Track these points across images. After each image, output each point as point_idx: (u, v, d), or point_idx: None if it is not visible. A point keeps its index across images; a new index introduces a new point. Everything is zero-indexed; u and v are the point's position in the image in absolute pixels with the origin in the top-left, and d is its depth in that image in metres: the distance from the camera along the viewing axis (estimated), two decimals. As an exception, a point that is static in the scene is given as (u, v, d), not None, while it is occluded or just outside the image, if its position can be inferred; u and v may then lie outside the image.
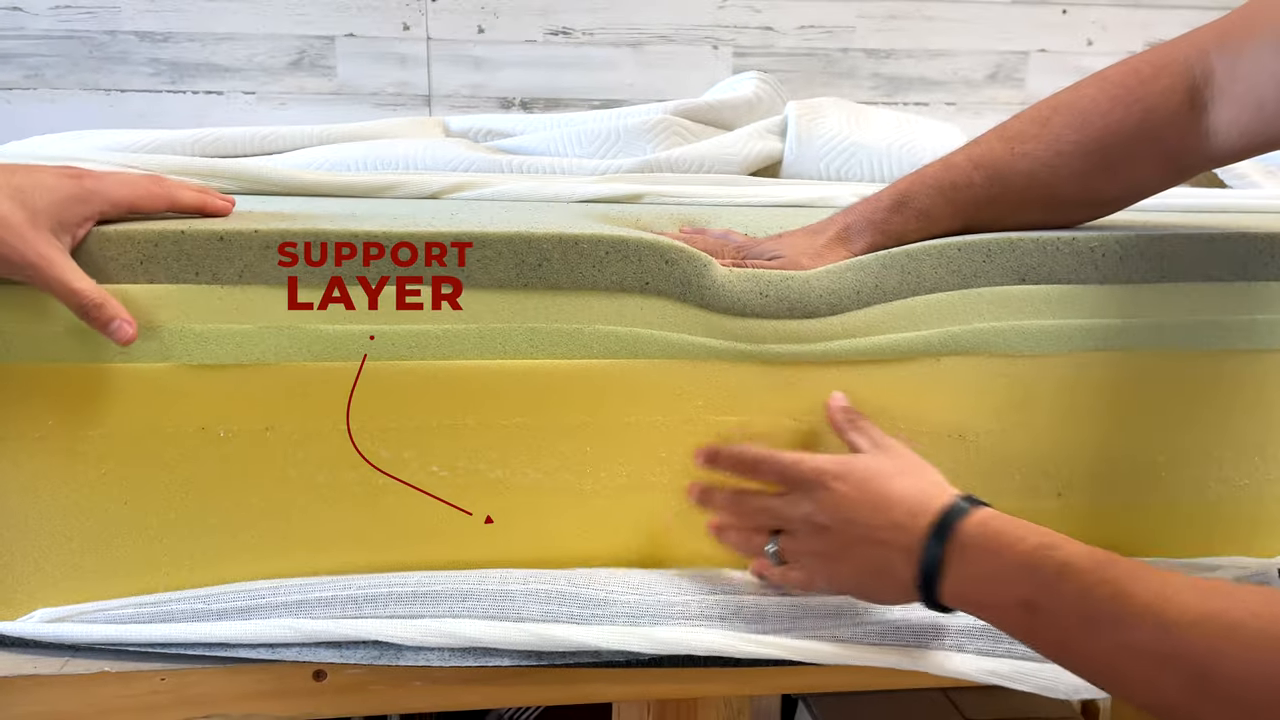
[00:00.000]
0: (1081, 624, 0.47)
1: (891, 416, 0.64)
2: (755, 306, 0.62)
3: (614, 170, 0.94)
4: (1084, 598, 0.47)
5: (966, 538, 0.52)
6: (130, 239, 0.56)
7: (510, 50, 2.04)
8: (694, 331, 0.62)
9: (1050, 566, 0.48)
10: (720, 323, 0.62)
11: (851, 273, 0.63)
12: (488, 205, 0.78)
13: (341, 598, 0.59)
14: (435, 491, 0.61)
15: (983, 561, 0.51)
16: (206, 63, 1.97)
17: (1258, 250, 0.66)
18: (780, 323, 0.62)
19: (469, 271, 0.59)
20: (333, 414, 0.59)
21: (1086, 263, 0.65)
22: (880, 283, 0.64)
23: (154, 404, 0.57)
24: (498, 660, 0.58)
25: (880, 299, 0.64)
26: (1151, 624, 0.44)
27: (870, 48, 2.11)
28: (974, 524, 0.52)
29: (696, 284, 0.61)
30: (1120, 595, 0.46)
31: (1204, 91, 0.60)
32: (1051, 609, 0.48)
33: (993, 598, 0.51)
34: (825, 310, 0.63)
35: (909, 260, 0.63)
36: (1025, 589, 0.49)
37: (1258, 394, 0.68)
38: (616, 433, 0.63)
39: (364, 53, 2.01)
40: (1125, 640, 0.45)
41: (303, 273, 0.57)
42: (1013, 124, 0.66)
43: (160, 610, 0.58)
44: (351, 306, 0.58)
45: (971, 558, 0.52)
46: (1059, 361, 0.65)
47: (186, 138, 1.02)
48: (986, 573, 0.51)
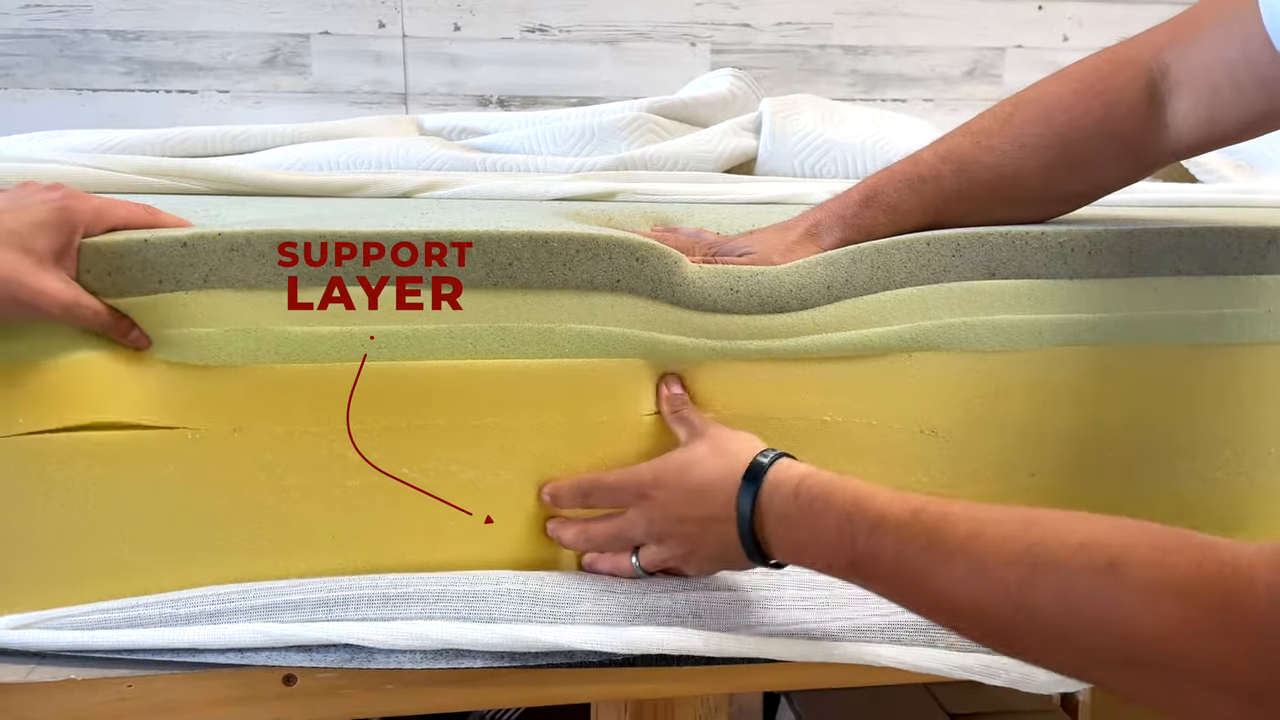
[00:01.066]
0: (904, 578, 0.48)
1: (862, 412, 0.64)
2: (726, 302, 0.62)
3: (588, 168, 0.94)
4: (901, 550, 0.48)
5: (777, 501, 0.53)
6: (97, 251, 0.55)
7: (487, 48, 2.03)
8: (665, 329, 0.62)
9: (865, 526, 0.49)
10: (691, 319, 0.62)
11: (821, 267, 0.63)
12: (459, 204, 0.77)
13: (311, 601, 0.58)
14: (407, 493, 0.61)
15: (801, 527, 0.52)
16: (180, 61, 1.96)
17: (1226, 244, 0.67)
18: (751, 318, 0.62)
19: (435, 271, 0.58)
20: (301, 415, 0.59)
21: (1056, 258, 0.65)
22: (850, 277, 0.64)
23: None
24: (470, 661, 0.58)
25: (850, 293, 0.64)
26: (966, 565, 0.45)
27: (848, 44, 2.11)
28: (782, 486, 0.54)
29: (667, 281, 0.61)
30: (935, 542, 0.46)
31: (1160, 85, 0.62)
32: (874, 566, 0.49)
33: (820, 561, 0.52)
34: (795, 305, 0.63)
35: (878, 255, 0.63)
36: (846, 551, 0.50)
37: (1227, 387, 0.68)
38: (590, 432, 0.62)
39: (339, 51, 1.99)
40: (944, 585, 0.46)
41: (277, 274, 0.57)
42: (978, 120, 0.66)
43: (127, 616, 0.57)
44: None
45: (792, 527, 0.53)
46: (1029, 356, 0.66)
47: (156, 137, 1.01)
48: (807, 538, 0.52)
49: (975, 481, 0.67)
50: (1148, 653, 0.40)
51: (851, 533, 0.50)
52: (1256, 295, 0.68)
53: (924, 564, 0.47)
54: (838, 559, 0.51)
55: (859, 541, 0.49)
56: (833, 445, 0.65)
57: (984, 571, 0.44)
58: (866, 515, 0.49)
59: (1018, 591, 0.43)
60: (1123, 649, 0.41)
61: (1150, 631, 0.40)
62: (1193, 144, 0.63)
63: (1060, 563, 0.43)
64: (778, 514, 0.53)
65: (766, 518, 0.54)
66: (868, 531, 0.49)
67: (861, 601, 0.61)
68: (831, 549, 0.51)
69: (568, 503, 0.62)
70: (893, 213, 0.66)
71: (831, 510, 0.51)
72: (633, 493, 0.60)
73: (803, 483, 0.53)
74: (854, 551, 0.50)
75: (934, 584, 0.46)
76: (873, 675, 0.61)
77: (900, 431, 0.65)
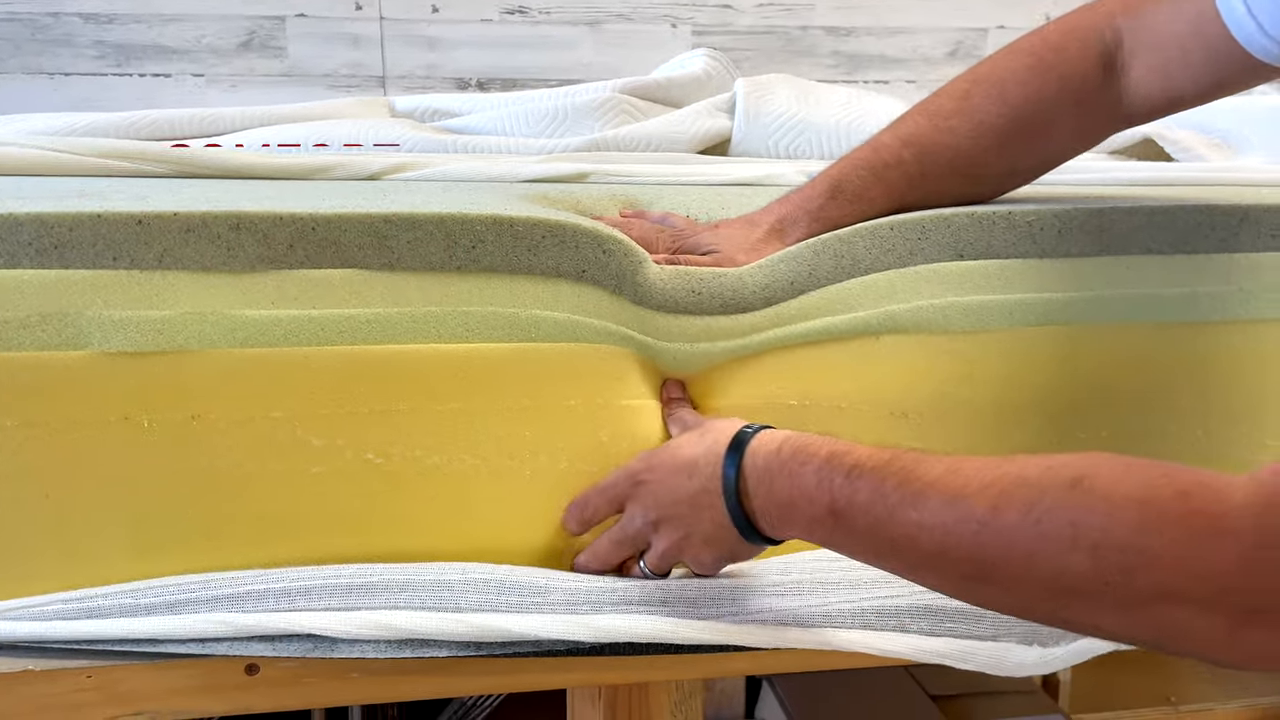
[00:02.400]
0: (878, 516, 0.48)
1: (831, 397, 0.64)
2: (688, 304, 0.61)
3: (560, 149, 0.93)
4: (877, 490, 0.48)
5: (760, 459, 0.53)
6: (43, 222, 0.54)
7: (465, 30, 2.01)
8: (629, 325, 0.61)
9: (842, 471, 0.50)
10: (654, 320, 0.61)
11: (785, 264, 0.62)
12: (426, 186, 0.76)
13: (274, 590, 0.57)
14: (370, 479, 0.60)
15: (783, 483, 0.52)
16: (154, 45, 1.93)
17: (1197, 223, 0.66)
18: (714, 319, 0.62)
19: (399, 254, 0.57)
20: (260, 402, 0.58)
21: (1024, 237, 0.65)
22: (814, 270, 0.63)
23: (72, 393, 0.55)
24: (435, 651, 0.57)
25: (815, 285, 0.63)
26: (938, 498, 0.45)
27: (830, 25, 2.09)
28: (764, 447, 0.54)
29: (631, 279, 0.60)
30: (908, 480, 0.47)
31: (1115, 54, 0.62)
32: (850, 509, 0.49)
33: (802, 515, 0.52)
34: (760, 304, 0.62)
35: (841, 243, 0.63)
36: (826, 497, 0.50)
37: (1198, 367, 0.68)
38: (557, 417, 0.61)
39: (315, 33, 1.97)
40: (917, 519, 0.46)
41: (232, 256, 0.56)
42: (935, 100, 0.66)
43: (85, 606, 0.56)
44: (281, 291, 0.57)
45: (774, 485, 0.53)
46: (999, 337, 0.65)
47: (123, 120, 0.99)
48: (789, 493, 0.52)
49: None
50: (1116, 573, 0.40)
51: (830, 477, 0.50)
52: (1228, 273, 0.67)
53: (898, 500, 0.47)
54: (818, 507, 0.50)
55: (836, 485, 0.50)
56: (801, 429, 0.64)
57: (955, 501, 0.45)
58: (844, 461, 0.50)
59: (986, 513, 0.44)
60: (1092, 569, 0.40)
61: (1120, 541, 0.40)
62: (1146, 112, 0.63)
63: (1029, 481, 0.43)
64: (759, 473, 0.53)
65: (749, 480, 0.54)
66: (844, 474, 0.50)
67: (832, 588, 0.61)
68: (812, 497, 0.51)
69: (576, 527, 0.62)
70: (858, 202, 0.65)
71: (811, 461, 0.51)
72: (626, 484, 0.59)
73: (785, 443, 0.53)
74: (832, 496, 0.50)
75: (906, 518, 0.46)
76: (848, 659, 0.61)
77: (870, 415, 0.65)
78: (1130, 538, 0.40)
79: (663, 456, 0.58)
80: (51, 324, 0.54)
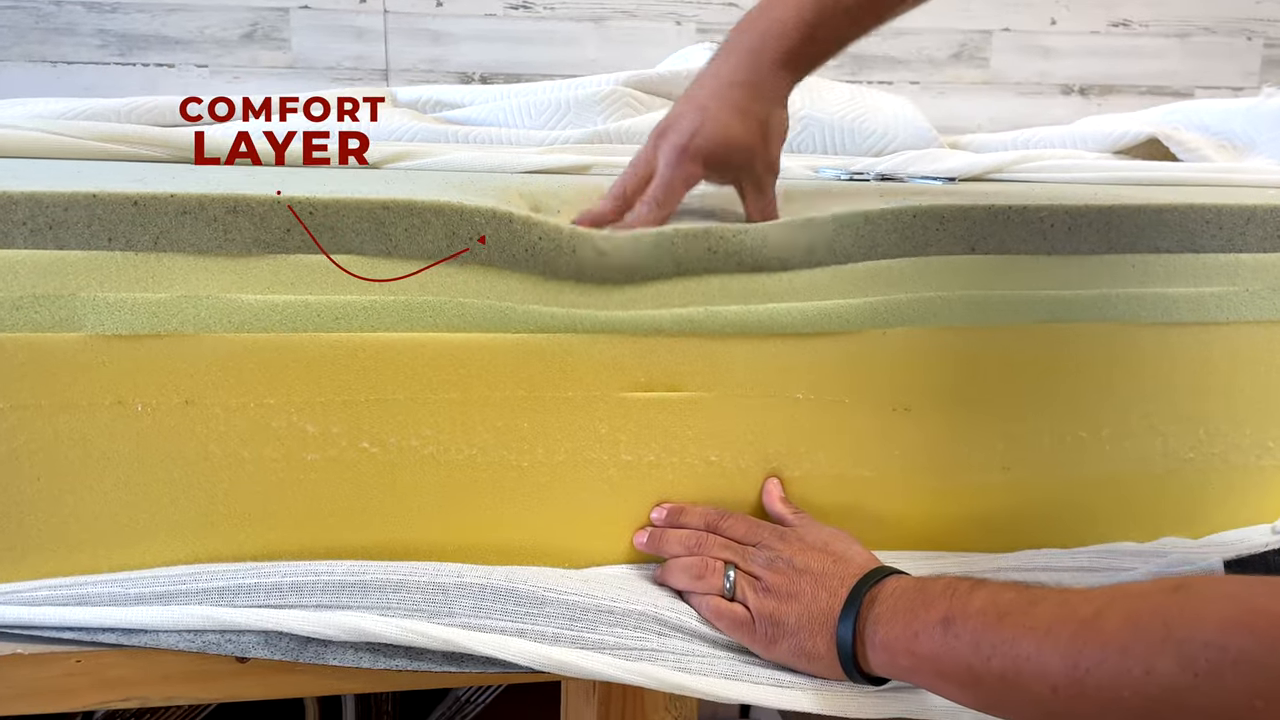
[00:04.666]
0: (991, 621, 0.48)
1: (836, 388, 0.63)
2: (706, 262, 0.60)
3: (563, 141, 0.92)
4: (993, 598, 0.49)
5: (886, 585, 0.54)
6: (38, 202, 0.53)
7: (470, 24, 2.01)
8: (622, 309, 0.60)
9: (966, 585, 0.51)
10: (664, 291, 0.60)
11: (806, 230, 0.61)
12: (427, 175, 0.75)
13: (265, 585, 0.56)
14: (365, 468, 0.59)
15: (909, 596, 0.53)
16: (157, 35, 1.93)
17: (1205, 222, 0.66)
18: (729, 278, 0.61)
19: (396, 241, 0.57)
20: (256, 387, 0.57)
21: (1036, 233, 0.64)
22: (834, 243, 0.62)
23: (66, 376, 0.55)
24: (427, 664, 0.56)
25: (832, 259, 0.62)
26: (1056, 601, 0.46)
27: (835, 25, 2.09)
28: (895, 578, 0.55)
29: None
30: (1026, 589, 0.49)
31: None
32: (964, 617, 0.49)
33: (907, 629, 0.51)
34: (776, 266, 0.61)
35: (867, 224, 0.62)
36: (942, 609, 0.50)
37: (1202, 367, 0.67)
38: (554, 408, 0.61)
39: (319, 25, 1.96)
40: (1031, 621, 0.46)
41: (229, 239, 0.55)
42: None
43: (75, 593, 0.56)
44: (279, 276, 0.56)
45: (899, 597, 0.53)
46: (1005, 333, 0.64)
47: (123, 105, 0.99)
48: (909, 604, 0.52)
49: (947, 470, 0.66)
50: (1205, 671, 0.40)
51: (953, 589, 0.51)
52: (1234, 274, 0.67)
53: (1012, 600, 0.48)
54: (932, 615, 0.50)
55: (958, 594, 0.50)
56: (803, 423, 0.64)
57: (1067, 605, 0.46)
58: (967, 581, 0.51)
59: (1091, 616, 0.44)
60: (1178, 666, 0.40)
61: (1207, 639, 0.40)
62: None
63: (1134, 592, 0.45)
64: (892, 590, 0.54)
65: (879, 598, 0.54)
66: (968, 588, 0.50)
67: None
68: (929, 605, 0.51)
69: (694, 523, 0.62)
70: (835, 44, 0.66)
71: (943, 578, 0.52)
72: (769, 529, 0.60)
73: (910, 576, 0.55)
74: (949, 606, 0.50)
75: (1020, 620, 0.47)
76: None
77: (874, 407, 0.64)
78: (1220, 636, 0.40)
79: (821, 534, 0.60)
80: (45, 305, 0.54)
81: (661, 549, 0.62)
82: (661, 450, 0.63)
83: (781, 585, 0.57)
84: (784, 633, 0.56)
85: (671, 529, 0.63)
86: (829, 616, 0.55)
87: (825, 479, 0.65)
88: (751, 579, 0.58)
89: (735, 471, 0.64)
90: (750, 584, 0.58)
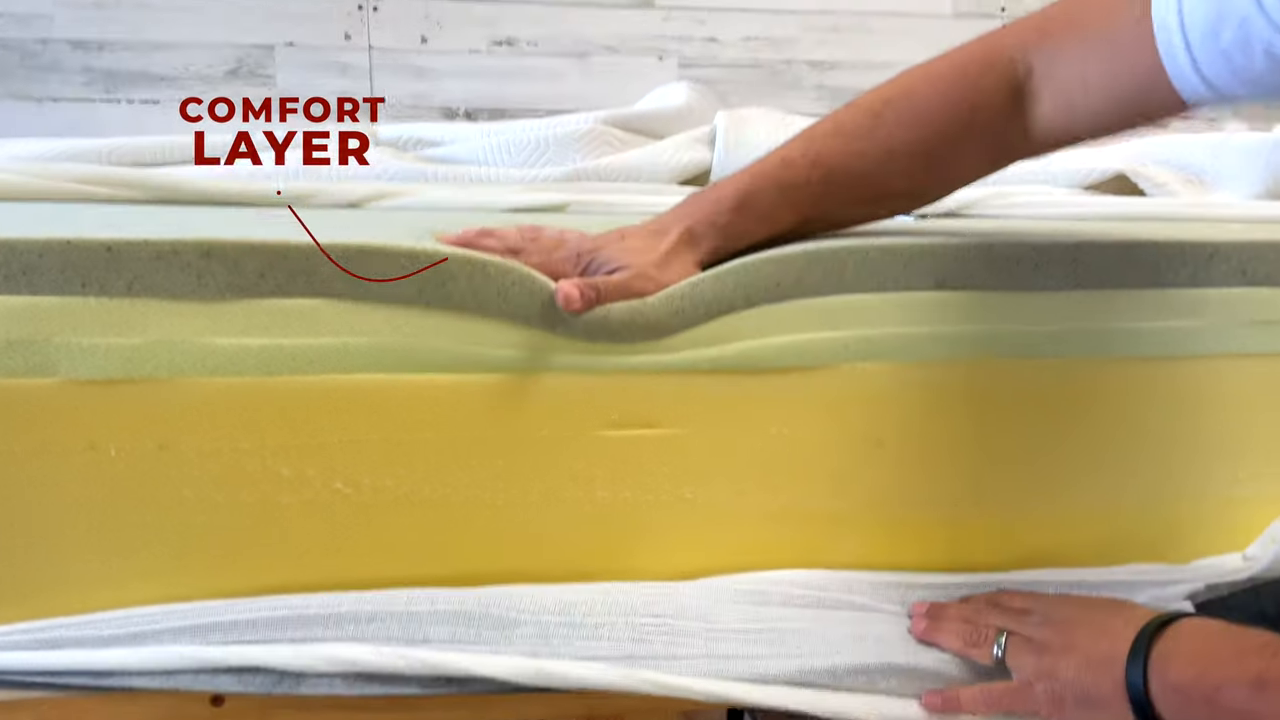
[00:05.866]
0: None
1: (808, 423, 0.64)
2: (668, 323, 0.61)
3: (542, 179, 0.93)
4: None
5: (1184, 626, 0.53)
6: (11, 248, 0.53)
7: (454, 60, 2.03)
8: (599, 357, 0.61)
9: None
10: (630, 345, 0.61)
11: (770, 265, 0.62)
12: (406, 215, 0.76)
13: (240, 622, 0.57)
14: (339, 509, 0.59)
15: (1207, 640, 0.52)
16: (142, 72, 1.94)
17: (1169, 257, 0.67)
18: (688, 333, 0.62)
19: (370, 285, 0.57)
20: (231, 431, 0.57)
21: (1003, 270, 0.65)
22: (802, 278, 0.63)
23: (39, 421, 0.55)
24: (404, 689, 0.56)
25: (799, 294, 0.63)
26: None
27: (814, 59, 2.12)
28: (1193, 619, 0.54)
29: (602, 324, 0.60)
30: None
31: (1025, 86, 0.61)
32: None
33: (1216, 674, 0.50)
34: (742, 303, 0.62)
35: (832, 257, 0.63)
36: (1256, 665, 0.49)
37: (1172, 401, 0.68)
38: (528, 447, 0.61)
39: (304, 62, 1.98)
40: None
41: (203, 284, 0.55)
42: (846, 117, 0.65)
43: (44, 637, 0.56)
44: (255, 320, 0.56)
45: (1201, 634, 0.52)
46: (975, 368, 0.65)
47: (103, 146, 0.99)
48: (1210, 650, 0.51)
49: (920, 503, 0.67)
50: None
51: (1273, 649, 0.49)
52: (1201, 308, 0.68)
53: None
54: (1243, 671, 0.49)
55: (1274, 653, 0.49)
56: (777, 458, 0.64)
57: None
58: None
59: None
60: None
61: None
62: (1047, 146, 0.63)
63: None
64: (1191, 631, 0.53)
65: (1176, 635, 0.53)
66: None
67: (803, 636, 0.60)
68: (1241, 659, 0.50)
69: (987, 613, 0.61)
70: (765, 221, 0.64)
71: (1258, 632, 0.51)
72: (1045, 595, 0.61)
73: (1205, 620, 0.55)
74: (1267, 667, 0.48)
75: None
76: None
77: (847, 441, 0.65)
78: None
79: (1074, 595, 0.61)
80: (19, 351, 0.54)
81: (939, 625, 0.61)
82: (636, 487, 0.63)
83: (1056, 640, 0.57)
84: (1065, 687, 0.56)
85: (946, 607, 0.63)
86: (1113, 660, 0.54)
87: (801, 513, 0.65)
88: (1025, 641, 0.58)
89: (710, 507, 0.64)
90: (1024, 645, 0.58)
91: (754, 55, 2.09)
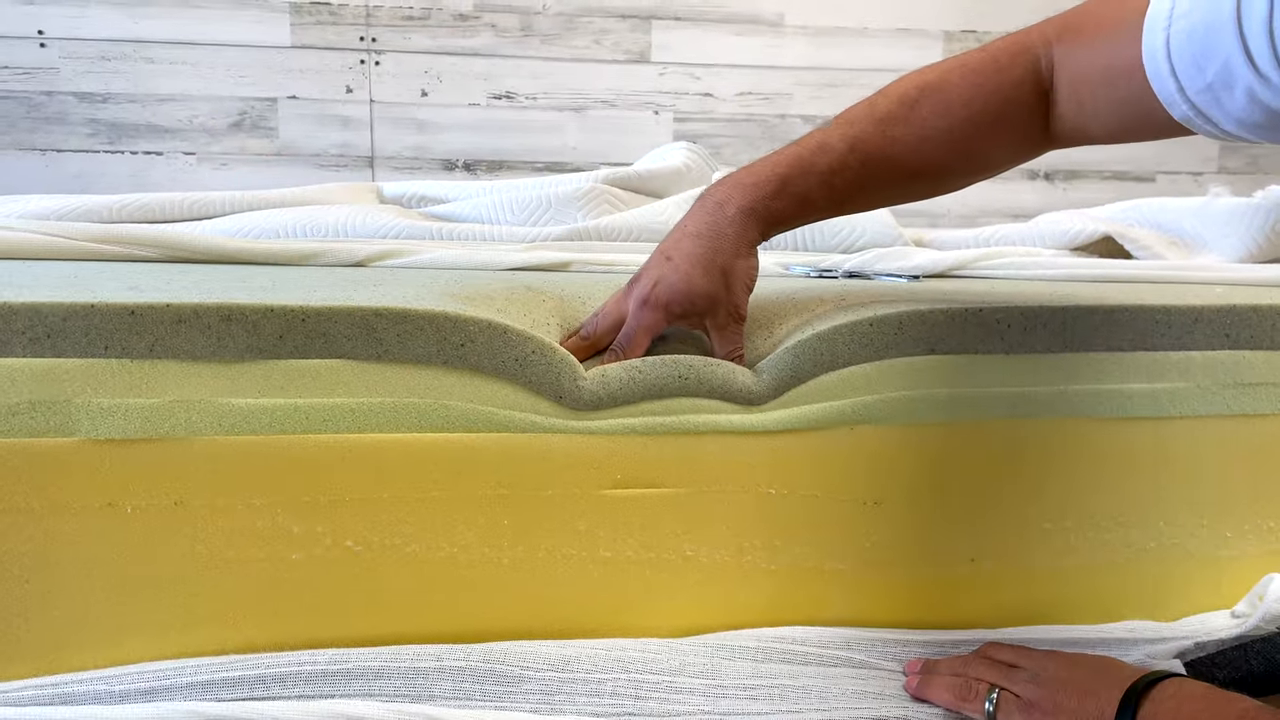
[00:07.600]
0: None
1: (806, 485, 0.65)
2: (676, 388, 0.64)
3: (543, 238, 0.95)
4: None
5: (1168, 688, 0.55)
6: (37, 312, 0.55)
7: (454, 113, 2.07)
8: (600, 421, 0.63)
9: (1265, 716, 0.51)
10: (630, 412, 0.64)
11: (768, 372, 0.65)
12: (414, 273, 0.78)
13: (249, 678, 0.57)
14: (349, 566, 0.60)
15: (1190, 701, 0.54)
16: (147, 124, 1.97)
17: (1156, 321, 0.69)
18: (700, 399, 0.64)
19: (387, 347, 0.59)
20: (244, 488, 0.58)
21: (993, 334, 0.67)
22: (796, 371, 0.65)
23: (59, 480, 0.56)
24: None
25: (798, 383, 0.65)
26: None
27: (807, 114, 2.16)
28: (1177, 681, 0.56)
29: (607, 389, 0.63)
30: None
31: (1047, 81, 0.63)
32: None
33: None
34: (741, 400, 0.65)
35: (821, 342, 0.65)
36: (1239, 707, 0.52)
37: (1160, 460, 0.70)
38: (534, 506, 0.63)
39: (306, 114, 2.01)
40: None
41: (222, 346, 0.57)
42: (882, 104, 0.66)
43: (59, 692, 0.56)
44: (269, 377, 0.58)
45: (1177, 707, 0.54)
46: (969, 429, 0.67)
47: (114, 203, 1.01)
48: (1190, 714, 0.53)
49: (916, 561, 0.68)
50: None
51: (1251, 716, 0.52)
52: (1187, 370, 0.70)
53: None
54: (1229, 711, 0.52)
55: None
56: (777, 518, 0.66)
57: None
58: (1270, 711, 0.52)
59: None
60: None
61: None
62: (1066, 141, 0.65)
63: None
64: (1175, 693, 0.55)
65: (1160, 698, 0.55)
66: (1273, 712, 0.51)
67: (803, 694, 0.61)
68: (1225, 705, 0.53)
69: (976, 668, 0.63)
70: (804, 204, 0.66)
71: (1237, 699, 0.53)
72: (1035, 651, 0.62)
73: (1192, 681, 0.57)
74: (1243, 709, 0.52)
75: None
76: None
77: (846, 502, 0.66)
78: None
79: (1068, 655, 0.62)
80: (41, 411, 0.55)
81: (931, 680, 0.63)
82: (639, 545, 0.64)
83: (1046, 700, 0.58)
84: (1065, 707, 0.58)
85: (938, 663, 0.64)
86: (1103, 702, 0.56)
87: (799, 571, 0.67)
88: (1014, 698, 0.59)
89: (711, 565, 0.66)
90: (1014, 703, 0.59)
91: (749, 110, 2.14)
